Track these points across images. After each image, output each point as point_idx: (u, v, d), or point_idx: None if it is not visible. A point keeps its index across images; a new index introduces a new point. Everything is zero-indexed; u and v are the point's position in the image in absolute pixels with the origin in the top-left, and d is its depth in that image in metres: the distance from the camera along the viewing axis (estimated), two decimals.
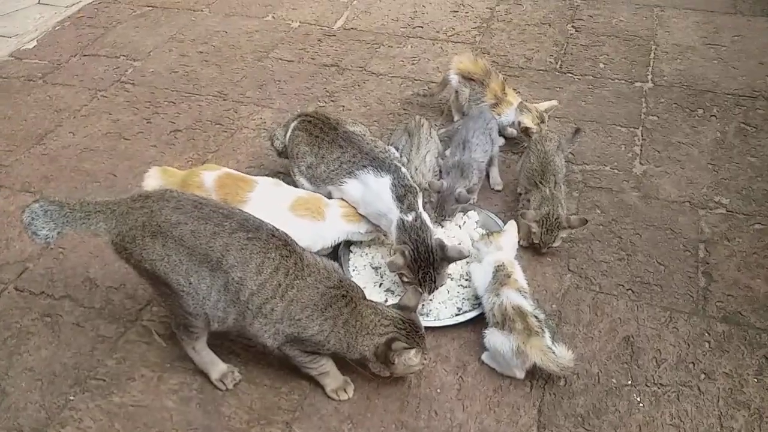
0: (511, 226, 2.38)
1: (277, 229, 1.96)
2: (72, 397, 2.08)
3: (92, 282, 2.45)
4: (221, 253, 1.86)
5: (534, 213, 2.42)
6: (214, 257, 1.86)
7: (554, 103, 3.01)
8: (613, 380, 2.09)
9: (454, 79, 3.02)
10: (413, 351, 1.92)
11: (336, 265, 2.02)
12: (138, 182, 2.53)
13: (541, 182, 2.50)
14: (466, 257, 2.27)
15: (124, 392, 2.10)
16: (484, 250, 2.28)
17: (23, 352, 2.22)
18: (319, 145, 2.45)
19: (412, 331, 1.95)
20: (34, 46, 3.94)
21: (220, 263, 1.86)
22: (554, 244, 2.44)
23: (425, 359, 2.00)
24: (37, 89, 3.55)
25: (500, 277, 2.15)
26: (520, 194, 2.67)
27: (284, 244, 1.92)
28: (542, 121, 2.88)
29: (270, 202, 2.32)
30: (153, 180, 2.41)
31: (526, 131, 2.86)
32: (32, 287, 2.44)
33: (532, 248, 2.51)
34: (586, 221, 2.46)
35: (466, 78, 2.99)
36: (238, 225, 1.90)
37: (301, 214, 2.32)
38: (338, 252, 2.45)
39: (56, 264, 2.53)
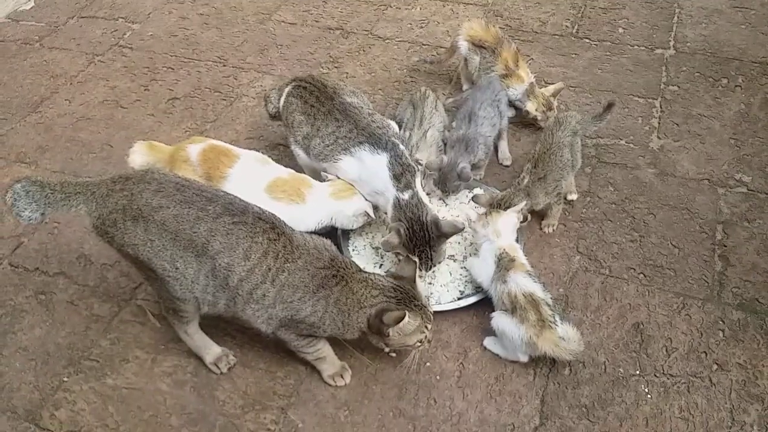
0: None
1: (264, 211, 1.87)
2: (66, 379, 2.06)
3: (87, 258, 2.40)
4: (206, 238, 1.78)
5: (487, 197, 2.26)
6: (199, 243, 1.78)
7: (560, 85, 2.83)
8: (621, 370, 2.01)
9: (463, 46, 2.87)
10: (405, 318, 1.76)
11: (328, 242, 1.92)
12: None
13: (531, 169, 2.32)
14: (461, 230, 2.15)
15: (118, 374, 2.06)
16: (481, 232, 2.17)
17: (17, 330, 2.19)
18: (314, 116, 2.33)
19: (404, 298, 1.82)
20: (31, 7, 3.82)
21: (206, 249, 1.79)
22: None
23: (426, 330, 1.86)
24: (33, 53, 3.45)
25: (504, 263, 2.06)
26: None
27: (272, 227, 1.84)
28: (549, 109, 2.73)
29: (247, 181, 2.20)
30: (139, 156, 2.31)
31: (527, 115, 2.76)
32: (27, 263, 2.40)
33: (539, 228, 2.41)
34: (527, 219, 2.25)
35: (477, 45, 2.83)
36: (223, 209, 1.82)
37: (277, 197, 2.20)
38: (337, 232, 2.36)
39: (51, 239, 2.48)
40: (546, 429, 1.89)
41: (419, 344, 1.88)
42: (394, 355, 2.05)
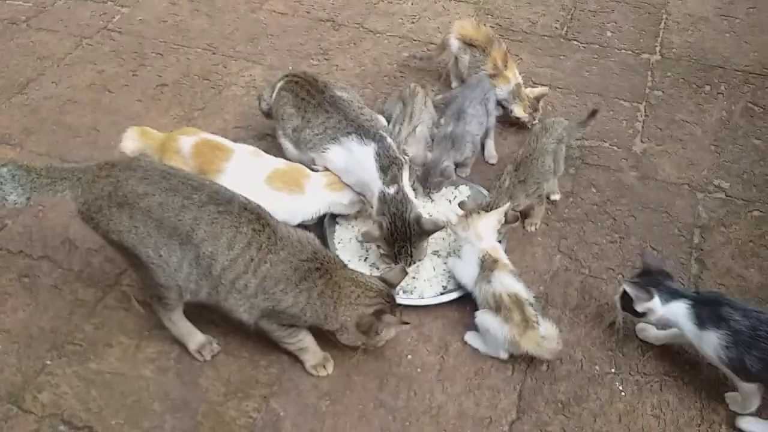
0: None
1: (250, 202, 1.90)
2: (49, 362, 2.06)
3: (71, 243, 2.40)
4: (191, 226, 1.80)
5: (473, 204, 2.26)
6: (184, 231, 1.80)
7: (545, 90, 2.86)
8: (597, 367, 2.06)
9: (454, 44, 2.89)
10: (396, 324, 1.92)
11: (311, 236, 1.96)
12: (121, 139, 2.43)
13: (512, 171, 2.34)
14: (442, 228, 2.19)
15: (102, 359, 2.07)
16: (462, 235, 2.19)
17: (0, 313, 2.18)
18: (305, 108, 2.36)
19: (395, 305, 1.94)
20: None
21: (190, 237, 1.80)
22: None
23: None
24: (20, 34, 3.41)
25: (488, 264, 2.09)
26: None
27: (257, 217, 1.86)
28: (535, 110, 2.77)
29: (246, 173, 2.22)
30: (131, 141, 2.31)
31: (516, 120, 2.80)
32: (10, 246, 2.39)
33: (522, 227, 2.45)
34: (518, 219, 2.29)
35: (467, 44, 2.86)
36: (208, 198, 1.83)
37: (277, 187, 2.22)
38: (323, 224, 2.38)
39: (35, 222, 2.47)
40: (522, 423, 1.93)
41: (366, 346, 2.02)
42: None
